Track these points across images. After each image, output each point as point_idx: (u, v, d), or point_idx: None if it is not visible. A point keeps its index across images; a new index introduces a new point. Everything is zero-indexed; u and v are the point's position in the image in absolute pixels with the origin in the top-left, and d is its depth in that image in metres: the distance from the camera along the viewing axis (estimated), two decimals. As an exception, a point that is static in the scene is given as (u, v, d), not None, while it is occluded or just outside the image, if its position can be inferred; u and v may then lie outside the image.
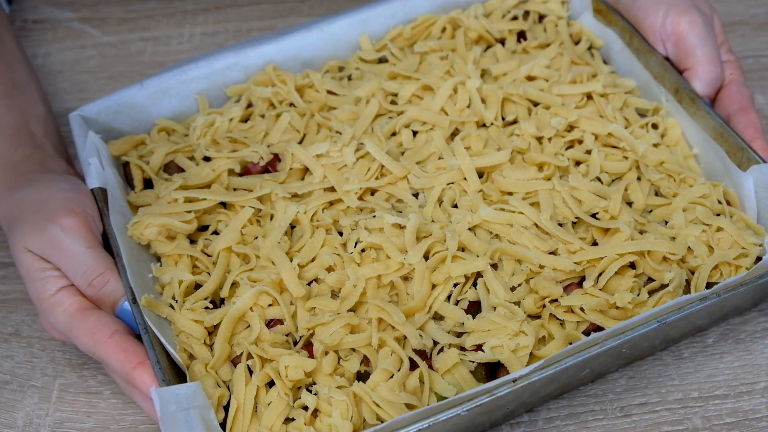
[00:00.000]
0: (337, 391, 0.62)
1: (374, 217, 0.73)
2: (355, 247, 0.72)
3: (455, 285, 0.70)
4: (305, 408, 0.64)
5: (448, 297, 0.70)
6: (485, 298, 0.69)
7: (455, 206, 0.77)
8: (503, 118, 0.84)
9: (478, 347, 0.66)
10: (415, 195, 0.78)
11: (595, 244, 0.74)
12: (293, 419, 0.63)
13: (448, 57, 0.88)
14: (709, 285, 0.70)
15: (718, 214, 0.76)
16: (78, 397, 0.75)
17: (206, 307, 0.70)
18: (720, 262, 0.71)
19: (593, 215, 0.76)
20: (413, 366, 0.65)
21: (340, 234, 0.75)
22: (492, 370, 0.67)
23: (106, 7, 1.13)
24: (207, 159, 0.81)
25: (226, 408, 0.65)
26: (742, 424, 0.72)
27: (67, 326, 0.68)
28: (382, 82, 0.86)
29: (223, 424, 0.64)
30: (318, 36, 0.91)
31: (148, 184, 0.82)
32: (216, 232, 0.76)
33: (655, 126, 0.84)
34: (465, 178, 0.77)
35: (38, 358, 0.78)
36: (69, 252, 0.69)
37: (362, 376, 0.66)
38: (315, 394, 0.64)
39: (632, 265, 0.72)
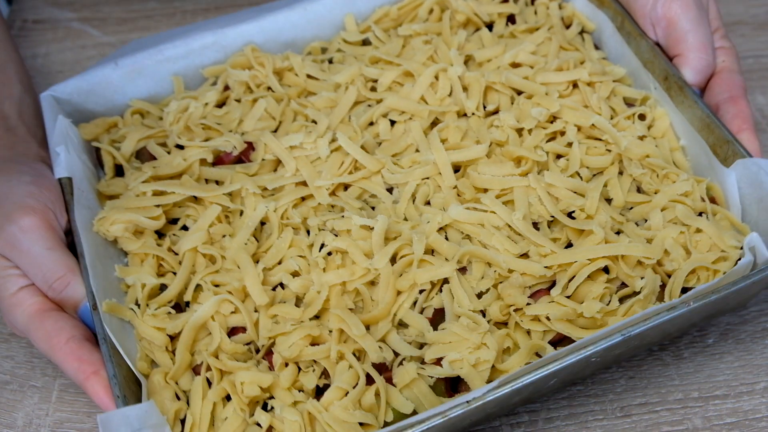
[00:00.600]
0: (289, 411, 0.62)
1: (343, 217, 0.72)
2: (320, 250, 0.70)
3: (421, 291, 0.69)
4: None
5: (416, 303, 0.69)
6: (450, 306, 0.68)
7: (429, 203, 0.75)
8: (485, 107, 0.82)
9: (439, 360, 0.65)
10: (390, 189, 0.76)
11: (570, 245, 0.72)
12: None
13: (432, 41, 0.85)
14: (687, 290, 0.68)
15: (702, 213, 0.74)
16: (78, 397, 0.75)
17: (170, 311, 0.69)
18: (697, 267, 0.69)
19: (570, 213, 0.74)
20: (372, 381, 0.64)
21: (309, 232, 0.73)
22: (454, 383, 0.66)
23: (106, 7, 1.12)
24: (180, 146, 0.80)
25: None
26: (742, 424, 0.72)
27: (26, 328, 0.67)
28: (363, 68, 0.83)
29: None
30: (301, 15, 0.89)
31: (120, 168, 0.80)
32: (185, 227, 0.75)
33: (642, 117, 0.81)
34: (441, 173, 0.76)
35: (38, 358, 0.78)
36: (28, 253, 0.68)
37: (324, 389, 0.65)
38: (271, 409, 0.63)
39: (607, 268, 0.70)
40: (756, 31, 1.08)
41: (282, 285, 0.70)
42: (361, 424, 0.62)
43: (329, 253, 0.70)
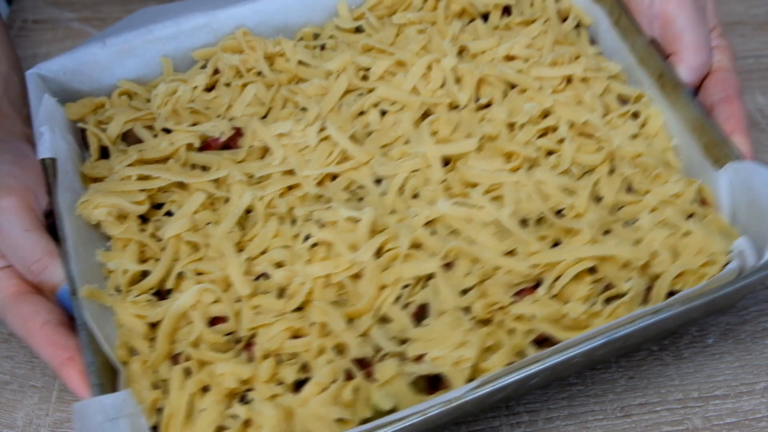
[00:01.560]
0: (266, 405, 0.61)
1: (329, 208, 0.71)
2: (305, 241, 0.70)
3: (406, 286, 0.68)
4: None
5: (400, 297, 0.68)
6: (433, 302, 0.67)
7: (417, 196, 0.74)
8: (477, 100, 0.81)
9: (420, 357, 0.64)
10: (378, 181, 0.76)
11: (558, 243, 0.71)
12: (227, 428, 0.62)
13: (427, 31, 0.84)
14: (674, 293, 0.68)
15: (692, 214, 0.73)
16: (78, 397, 0.74)
17: (150, 299, 0.68)
18: (685, 270, 0.69)
19: (560, 211, 0.73)
20: (351, 376, 0.64)
21: (295, 222, 0.73)
22: (434, 380, 0.65)
23: (106, 7, 1.11)
24: (167, 130, 0.79)
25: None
26: (742, 424, 0.72)
27: (2, 310, 0.66)
28: (355, 56, 0.82)
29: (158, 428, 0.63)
30: (294, -1, 0.87)
31: (106, 150, 0.79)
32: (170, 213, 0.74)
33: (635, 115, 0.80)
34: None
35: (38, 358, 0.76)
36: (6, 235, 0.67)
37: (304, 382, 0.64)
38: (250, 401, 0.63)
39: (594, 268, 0.69)
40: (756, 31, 1.07)
41: (266, 275, 0.70)
42: (339, 419, 0.62)
43: (314, 245, 0.70)
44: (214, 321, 0.68)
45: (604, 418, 0.73)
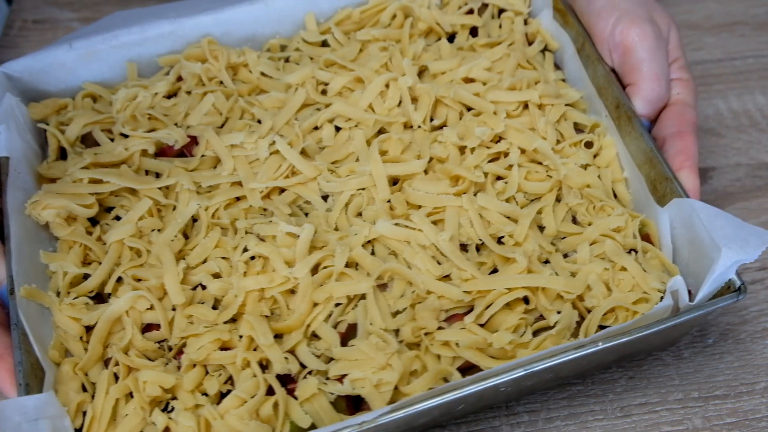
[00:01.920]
0: (185, 415, 0.62)
1: (270, 222, 0.72)
2: (243, 254, 0.71)
3: (338, 305, 0.69)
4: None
5: (331, 315, 0.69)
6: (362, 323, 0.68)
7: (361, 214, 0.75)
8: (432, 120, 0.82)
9: (343, 377, 0.65)
10: (326, 197, 0.76)
11: (495, 270, 0.72)
12: None
13: (389, 49, 0.85)
14: (606, 327, 0.68)
15: (632, 250, 0.74)
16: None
17: (88, 302, 0.70)
18: (617, 306, 0.69)
19: (500, 238, 0.73)
20: (273, 391, 0.65)
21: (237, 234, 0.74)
22: (357, 401, 0.66)
23: (106, 7, 1.12)
24: (125, 134, 0.80)
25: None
26: (742, 424, 0.73)
27: None
28: (315, 71, 0.83)
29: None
30: (262, 10, 0.88)
31: (65, 152, 0.81)
32: (118, 217, 0.75)
33: (589, 144, 0.80)
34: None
35: None
36: None
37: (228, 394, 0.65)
38: (172, 410, 0.64)
39: (527, 299, 0.70)
40: (756, 31, 1.08)
41: (203, 285, 0.71)
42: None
43: (252, 258, 0.71)
44: (148, 328, 0.69)
45: (604, 418, 0.74)
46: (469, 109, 0.82)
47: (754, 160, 0.93)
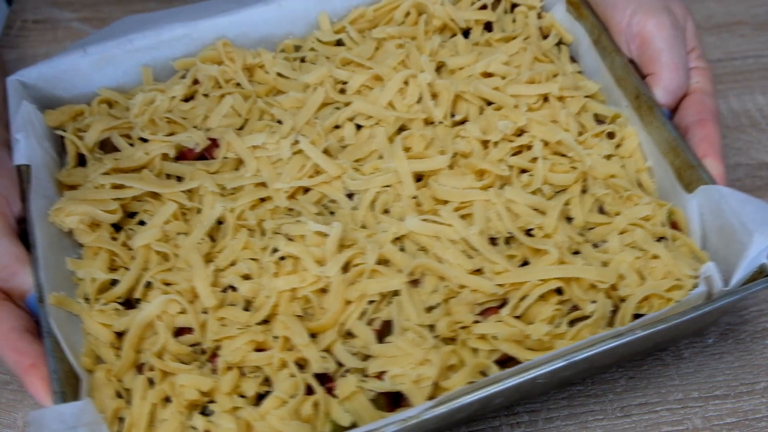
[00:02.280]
0: (225, 418, 0.61)
1: (298, 222, 0.71)
2: (273, 254, 0.70)
3: (372, 302, 0.68)
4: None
5: (365, 313, 0.68)
6: (397, 319, 0.67)
7: (388, 211, 0.75)
8: (453, 116, 0.81)
9: (382, 374, 0.64)
10: (351, 195, 0.76)
11: (526, 263, 0.72)
12: None
13: (405, 46, 0.84)
14: (640, 316, 0.68)
15: (661, 238, 0.73)
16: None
17: (118, 308, 0.69)
18: (651, 294, 0.69)
19: (529, 231, 0.73)
20: (312, 391, 0.64)
21: (265, 234, 0.73)
22: (396, 397, 0.65)
23: (106, 7, 1.11)
24: (144, 139, 0.79)
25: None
26: (742, 424, 0.73)
27: None
28: (332, 70, 0.83)
29: None
30: (275, 11, 0.87)
31: (83, 158, 0.80)
32: (143, 222, 0.74)
33: (611, 135, 0.80)
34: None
35: None
36: None
37: (266, 396, 0.64)
38: (211, 413, 0.63)
39: (560, 289, 0.69)
40: (756, 31, 1.08)
41: (233, 287, 0.70)
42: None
43: (282, 258, 0.70)
44: (180, 331, 0.68)
45: (604, 418, 0.73)
46: (489, 103, 0.82)
47: (754, 160, 0.93)
